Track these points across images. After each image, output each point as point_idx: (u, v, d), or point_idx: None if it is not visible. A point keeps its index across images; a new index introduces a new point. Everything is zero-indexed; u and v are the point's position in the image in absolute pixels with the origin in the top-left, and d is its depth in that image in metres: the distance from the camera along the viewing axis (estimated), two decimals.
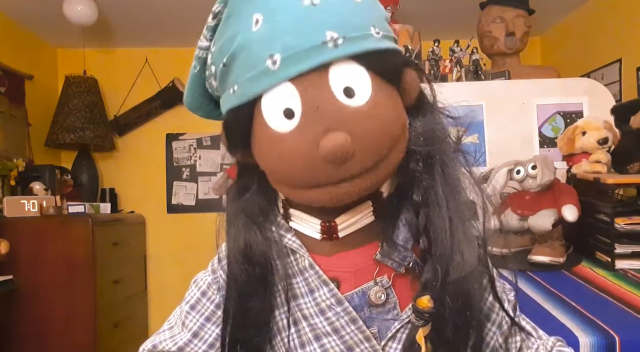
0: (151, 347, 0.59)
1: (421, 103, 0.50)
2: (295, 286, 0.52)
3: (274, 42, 0.41)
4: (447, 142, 0.50)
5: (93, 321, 2.32)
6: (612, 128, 1.36)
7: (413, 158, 0.48)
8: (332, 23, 0.41)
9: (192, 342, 0.57)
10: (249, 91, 0.43)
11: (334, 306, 0.50)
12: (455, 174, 0.49)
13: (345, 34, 0.41)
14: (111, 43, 3.19)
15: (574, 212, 1.16)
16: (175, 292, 3.55)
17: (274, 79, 0.42)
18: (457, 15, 2.81)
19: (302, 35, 0.41)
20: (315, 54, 0.41)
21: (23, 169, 2.53)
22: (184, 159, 3.31)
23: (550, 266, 1.16)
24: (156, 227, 3.26)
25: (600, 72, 2.65)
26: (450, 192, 0.48)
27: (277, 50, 0.41)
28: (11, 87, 2.68)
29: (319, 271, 0.51)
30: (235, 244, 0.52)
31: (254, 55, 0.42)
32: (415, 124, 0.49)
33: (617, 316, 0.88)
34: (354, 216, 0.50)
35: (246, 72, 0.43)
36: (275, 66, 0.41)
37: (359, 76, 0.43)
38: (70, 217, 2.42)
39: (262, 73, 0.42)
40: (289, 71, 0.41)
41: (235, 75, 0.44)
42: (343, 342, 0.50)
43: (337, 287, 0.51)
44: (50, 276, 2.29)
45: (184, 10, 2.72)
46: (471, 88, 1.68)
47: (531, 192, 1.27)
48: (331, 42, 0.41)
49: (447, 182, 0.48)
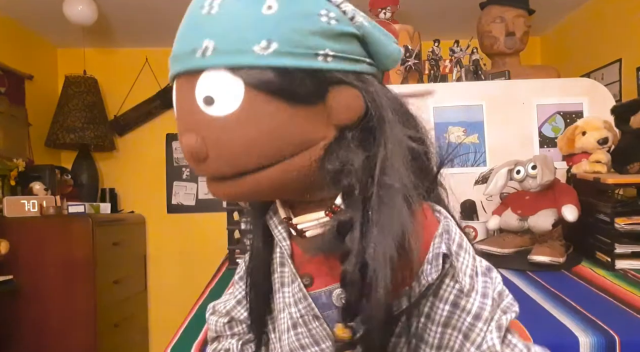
0: (212, 306, 0.69)
1: (370, 122, 0.47)
2: (284, 275, 0.57)
3: (174, 43, 0.47)
4: (389, 176, 0.46)
5: (93, 321, 2.32)
6: (612, 128, 1.36)
7: (345, 177, 0.47)
8: (213, 33, 0.43)
9: (236, 308, 0.66)
10: (169, 78, 0.49)
11: (302, 300, 0.54)
12: (390, 210, 0.45)
13: (218, 45, 0.42)
14: (111, 43, 3.19)
15: (574, 212, 1.16)
16: (175, 292, 3.58)
17: (169, 74, 0.48)
18: (457, 15, 2.81)
19: (184, 41, 0.45)
20: (185, 60, 0.44)
21: (23, 169, 2.53)
22: (184, 159, 3.30)
23: (550, 266, 1.16)
24: (156, 227, 3.26)
25: (600, 72, 2.65)
26: (378, 223, 0.45)
27: (173, 51, 0.47)
28: (11, 87, 2.68)
29: (291, 265, 0.55)
30: (255, 226, 0.59)
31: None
32: (340, 150, 0.47)
33: (617, 316, 0.87)
34: (309, 220, 0.51)
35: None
36: (169, 63, 0.47)
37: (225, 87, 0.43)
38: (70, 217, 2.42)
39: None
40: (171, 71, 0.47)
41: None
42: (311, 336, 0.54)
43: (311, 282, 0.54)
44: (50, 276, 2.29)
45: (184, 11, 2.71)
46: (471, 88, 1.69)
47: (531, 192, 1.27)
48: (201, 50, 0.43)
49: (377, 213, 0.46)
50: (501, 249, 1.27)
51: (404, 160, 0.47)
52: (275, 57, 0.42)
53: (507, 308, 0.49)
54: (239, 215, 1.41)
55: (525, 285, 1.07)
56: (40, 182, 2.54)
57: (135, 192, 3.26)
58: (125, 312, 2.74)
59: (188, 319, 0.98)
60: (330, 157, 0.46)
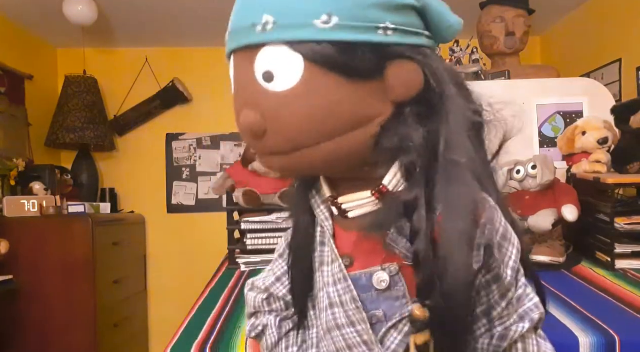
0: (251, 282, 0.68)
1: (430, 98, 0.46)
2: (324, 254, 0.57)
3: (231, 17, 0.46)
4: (450, 150, 0.45)
5: (93, 321, 2.32)
6: (612, 128, 1.36)
7: (405, 155, 0.46)
8: (271, 8, 0.42)
9: (275, 285, 0.65)
10: (226, 53, 0.49)
11: (342, 281, 0.53)
12: (460, 187, 0.45)
13: (278, 20, 0.42)
14: (111, 43, 3.19)
15: (574, 212, 1.16)
16: (175, 292, 3.58)
17: (226, 49, 0.47)
18: (457, 15, 2.81)
19: (241, 15, 0.45)
20: (244, 36, 0.44)
21: (23, 169, 2.53)
22: (184, 159, 3.31)
23: (550, 266, 1.16)
24: (156, 227, 3.26)
25: (600, 72, 2.65)
26: (449, 200, 0.45)
27: (229, 25, 0.46)
28: (11, 87, 2.68)
29: (333, 246, 0.55)
30: (297, 204, 0.59)
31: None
32: (399, 126, 0.46)
33: (617, 316, 0.88)
34: (354, 200, 0.51)
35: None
36: (227, 38, 0.47)
37: (286, 63, 0.42)
38: (70, 217, 2.42)
39: (225, 42, 0.48)
40: (229, 46, 0.46)
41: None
42: (347, 317, 0.53)
43: (351, 263, 0.53)
44: (50, 276, 2.29)
45: (184, 11, 2.72)
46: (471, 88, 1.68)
47: (531, 192, 1.27)
48: (260, 26, 0.42)
49: (446, 190, 0.45)
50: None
51: (469, 134, 0.47)
52: (336, 32, 0.42)
53: (525, 314, 0.50)
54: (239, 215, 1.41)
55: None
56: (40, 182, 2.54)
57: (135, 192, 3.26)
58: (125, 312, 2.74)
59: (188, 319, 0.98)
60: (388, 134, 0.46)
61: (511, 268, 0.48)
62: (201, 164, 3.31)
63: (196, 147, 3.31)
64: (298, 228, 0.59)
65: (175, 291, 3.18)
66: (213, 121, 3.23)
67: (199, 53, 3.23)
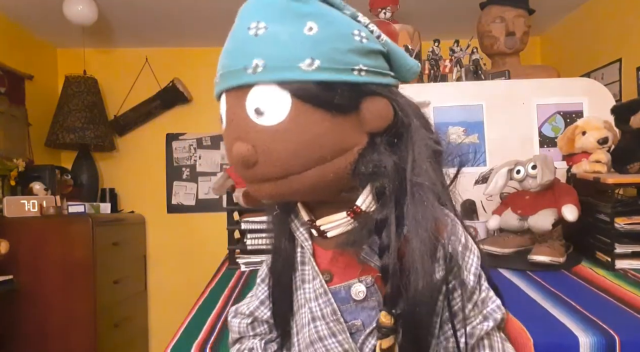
0: (234, 309, 0.72)
1: (398, 129, 0.53)
2: (306, 272, 0.61)
3: (221, 60, 0.51)
4: (419, 175, 0.52)
5: (93, 321, 2.33)
6: (612, 128, 1.36)
7: (376, 179, 0.52)
8: (260, 52, 0.48)
9: (259, 308, 0.69)
10: (215, 93, 0.54)
11: (323, 295, 0.58)
12: (424, 207, 0.51)
13: (268, 62, 0.47)
14: (111, 43, 3.19)
15: (574, 212, 1.16)
16: (175, 292, 3.58)
17: (217, 89, 0.52)
18: (457, 15, 2.81)
19: (234, 59, 0.49)
20: (237, 76, 0.48)
21: (23, 169, 2.53)
22: (184, 159, 3.31)
23: (550, 265, 1.16)
24: (156, 227, 3.26)
25: (600, 72, 2.65)
26: (414, 218, 0.51)
27: (219, 68, 0.51)
28: (11, 87, 2.68)
29: (314, 264, 0.60)
30: (278, 224, 0.63)
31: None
32: (372, 154, 0.52)
33: (617, 316, 0.87)
34: (331, 221, 0.56)
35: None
36: (217, 80, 0.52)
37: (275, 100, 0.48)
38: (70, 217, 2.42)
39: (215, 83, 0.53)
40: (221, 86, 0.51)
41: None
42: (329, 328, 0.57)
43: (331, 278, 0.59)
44: (50, 276, 2.30)
45: (184, 11, 2.73)
46: (471, 88, 1.68)
47: (531, 192, 1.27)
48: (251, 68, 0.47)
49: (412, 209, 0.51)
50: (501, 249, 1.27)
51: (430, 160, 0.53)
52: (319, 73, 0.48)
53: (489, 315, 0.57)
54: (239, 215, 1.41)
55: (525, 285, 1.06)
56: (40, 182, 2.54)
57: (135, 192, 3.26)
58: (125, 312, 2.74)
59: (188, 319, 0.98)
60: (364, 160, 0.52)
61: (473, 273, 0.55)
62: (201, 164, 3.31)
63: (196, 147, 3.31)
64: (279, 251, 0.63)
65: (175, 291, 3.18)
66: (213, 121, 3.23)
67: (199, 53, 3.23)
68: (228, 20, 0.51)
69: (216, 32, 2.93)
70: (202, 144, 3.31)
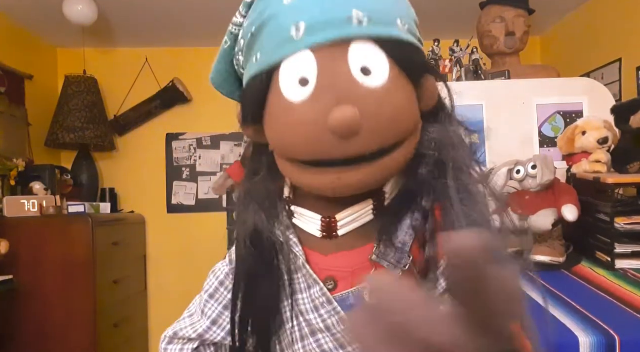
0: (172, 334, 0.62)
1: (439, 111, 0.51)
2: (296, 281, 0.54)
3: (302, 12, 0.42)
4: (464, 152, 0.49)
5: (93, 321, 2.32)
6: (612, 128, 1.36)
7: (424, 163, 0.48)
8: (359, 3, 0.42)
9: (212, 329, 0.60)
10: (270, 58, 0.44)
11: (325, 304, 0.52)
12: (471, 185, 0.47)
13: (370, 15, 0.42)
14: (111, 43, 3.19)
15: (574, 212, 1.16)
16: (175, 292, 3.57)
17: (295, 46, 0.42)
18: (457, 15, 2.81)
19: (329, 8, 0.42)
20: (339, 27, 0.42)
21: (23, 169, 2.53)
22: (184, 159, 3.31)
23: (550, 265, 1.16)
24: (156, 227, 3.26)
25: (600, 72, 2.64)
26: (464, 201, 0.46)
27: (303, 19, 0.42)
28: (11, 87, 2.68)
29: (309, 270, 0.53)
30: (243, 227, 0.55)
31: (280, 24, 0.43)
32: (430, 129, 0.49)
33: (617, 316, 0.87)
34: (354, 213, 0.50)
35: (271, 40, 0.44)
36: (299, 34, 0.42)
37: (378, 59, 0.43)
38: (70, 217, 2.42)
39: (285, 41, 0.43)
40: (310, 40, 0.42)
41: (260, 44, 0.45)
42: (336, 340, 0.52)
43: (335, 285, 0.52)
44: (50, 276, 2.29)
45: (183, 11, 2.72)
46: (471, 88, 1.68)
47: (531, 192, 1.26)
48: (356, 19, 0.41)
49: (461, 191, 0.47)
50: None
51: (464, 143, 0.51)
52: (409, 35, 0.45)
53: None
54: None
55: (526, 285, 1.06)
56: (40, 182, 2.54)
57: (135, 192, 3.26)
58: (125, 312, 2.74)
59: None
60: (424, 139, 0.49)
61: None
62: (201, 164, 3.31)
63: (196, 147, 3.31)
64: (252, 261, 0.55)
65: (175, 291, 3.17)
66: (213, 121, 3.23)
67: (199, 53, 3.23)
68: (228, 21, 0.50)
69: (216, 32, 2.92)
70: (202, 144, 3.31)
